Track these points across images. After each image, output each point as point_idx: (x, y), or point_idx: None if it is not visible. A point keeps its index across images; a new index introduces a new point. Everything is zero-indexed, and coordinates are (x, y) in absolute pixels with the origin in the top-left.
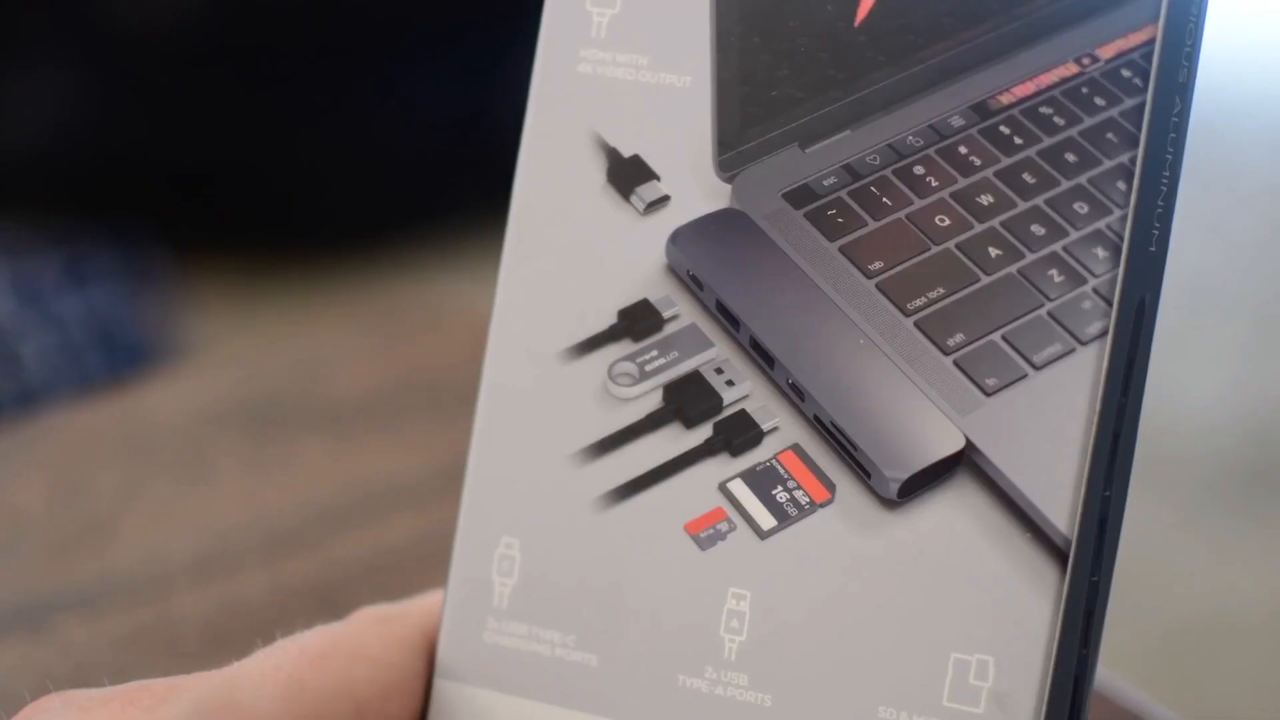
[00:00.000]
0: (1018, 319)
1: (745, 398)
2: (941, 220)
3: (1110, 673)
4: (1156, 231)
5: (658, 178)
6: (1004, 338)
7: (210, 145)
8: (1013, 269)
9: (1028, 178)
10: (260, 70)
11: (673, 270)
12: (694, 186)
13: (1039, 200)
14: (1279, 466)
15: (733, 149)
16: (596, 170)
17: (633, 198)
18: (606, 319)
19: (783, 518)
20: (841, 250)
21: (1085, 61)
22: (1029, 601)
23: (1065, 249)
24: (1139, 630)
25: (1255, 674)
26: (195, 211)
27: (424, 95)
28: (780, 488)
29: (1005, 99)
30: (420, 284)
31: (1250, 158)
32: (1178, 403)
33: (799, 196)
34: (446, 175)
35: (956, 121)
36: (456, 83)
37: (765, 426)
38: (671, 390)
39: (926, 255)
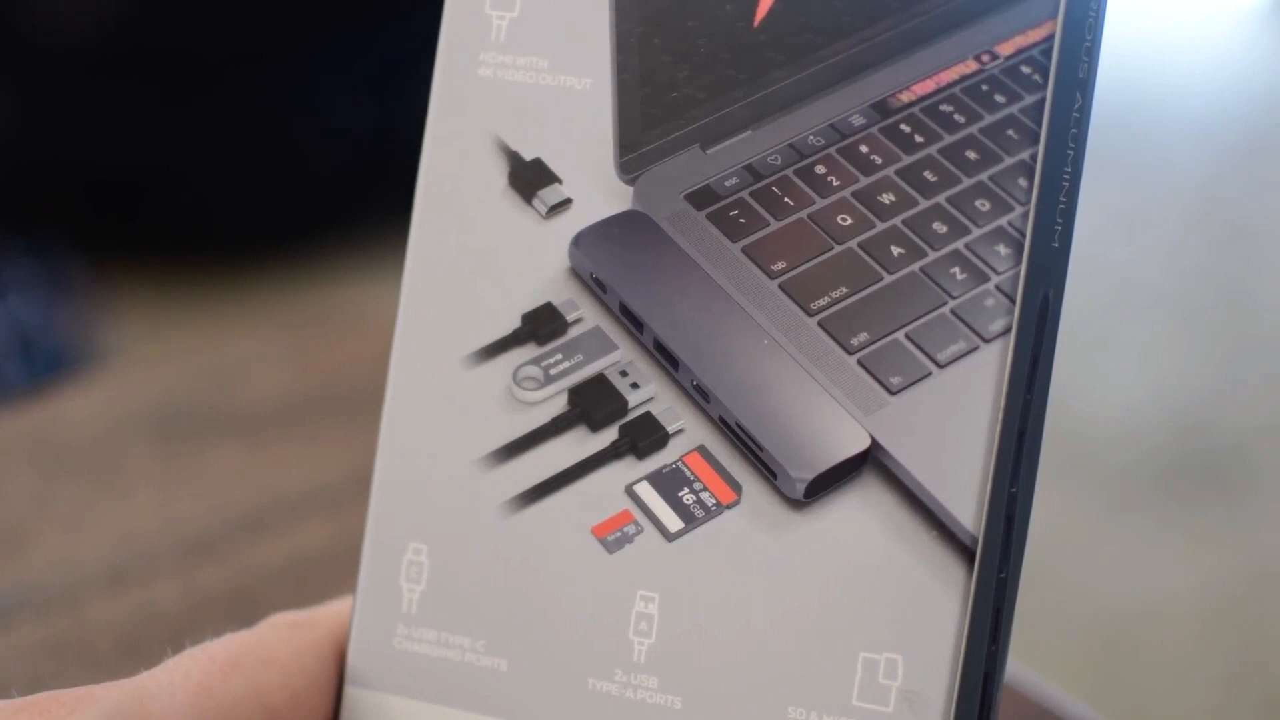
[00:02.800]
0: (921, 317)
1: (650, 400)
2: (843, 219)
3: (1030, 670)
4: (1059, 227)
5: (559, 180)
6: (908, 336)
7: (125, 154)
8: (915, 267)
9: (929, 176)
10: (174, 78)
11: (576, 273)
12: (596, 189)
13: (940, 198)
14: (1204, 460)
15: (634, 151)
16: (498, 174)
17: (535, 201)
18: (510, 323)
19: (690, 519)
20: (744, 251)
21: (985, 58)
22: (937, 600)
23: (967, 246)
24: (1063, 627)
25: (1179, 668)
26: (110, 220)
27: (337, 103)
28: (686, 489)
29: (905, 97)
30: (334, 291)
31: (1173, 156)
32: (1102, 398)
33: (701, 197)
34: (360, 183)
35: (857, 120)
36: (370, 90)
37: (670, 429)
38: (576, 394)
39: (829, 255)
